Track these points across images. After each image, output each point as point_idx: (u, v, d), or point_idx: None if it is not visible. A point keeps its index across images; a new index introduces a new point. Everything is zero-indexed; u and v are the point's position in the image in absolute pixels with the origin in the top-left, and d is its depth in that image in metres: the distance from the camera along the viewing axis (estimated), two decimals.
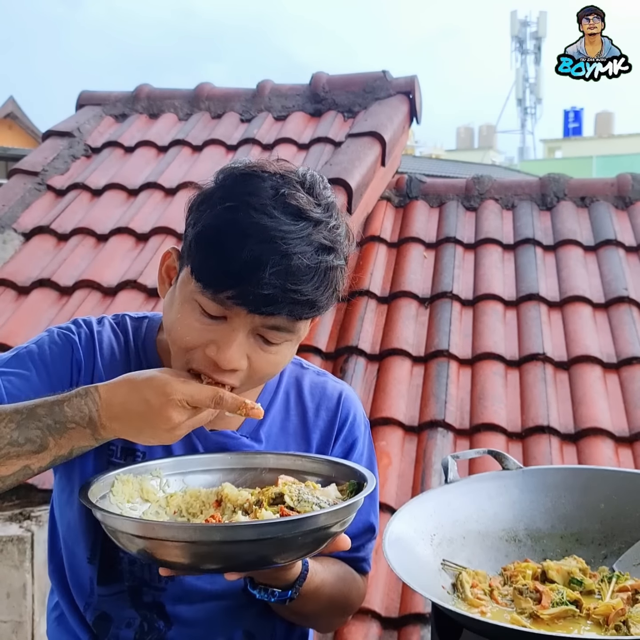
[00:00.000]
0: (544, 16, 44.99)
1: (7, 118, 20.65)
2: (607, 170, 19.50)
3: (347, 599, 1.52)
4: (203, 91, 5.24)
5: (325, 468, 1.42)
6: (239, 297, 1.23)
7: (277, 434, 1.49)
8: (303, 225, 1.24)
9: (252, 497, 1.34)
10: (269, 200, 1.24)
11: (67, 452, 1.25)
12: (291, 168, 1.31)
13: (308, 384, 1.53)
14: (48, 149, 4.79)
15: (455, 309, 4.11)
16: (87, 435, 1.24)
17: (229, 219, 1.23)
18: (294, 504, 1.30)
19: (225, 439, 1.46)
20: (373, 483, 1.32)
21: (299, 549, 1.25)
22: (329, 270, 1.27)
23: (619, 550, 1.44)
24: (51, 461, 1.25)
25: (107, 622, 1.45)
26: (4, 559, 2.88)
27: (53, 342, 1.41)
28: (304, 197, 1.26)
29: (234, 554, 1.20)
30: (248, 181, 1.27)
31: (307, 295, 1.24)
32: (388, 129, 4.60)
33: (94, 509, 1.25)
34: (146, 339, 1.47)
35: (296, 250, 1.22)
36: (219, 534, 1.20)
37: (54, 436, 1.23)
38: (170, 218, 4.25)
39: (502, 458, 1.54)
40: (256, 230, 1.21)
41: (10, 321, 3.77)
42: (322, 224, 1.26)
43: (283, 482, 1.36)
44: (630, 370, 3.75)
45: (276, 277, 1.21)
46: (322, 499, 1.32)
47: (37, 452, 1.23)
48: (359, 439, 1.54)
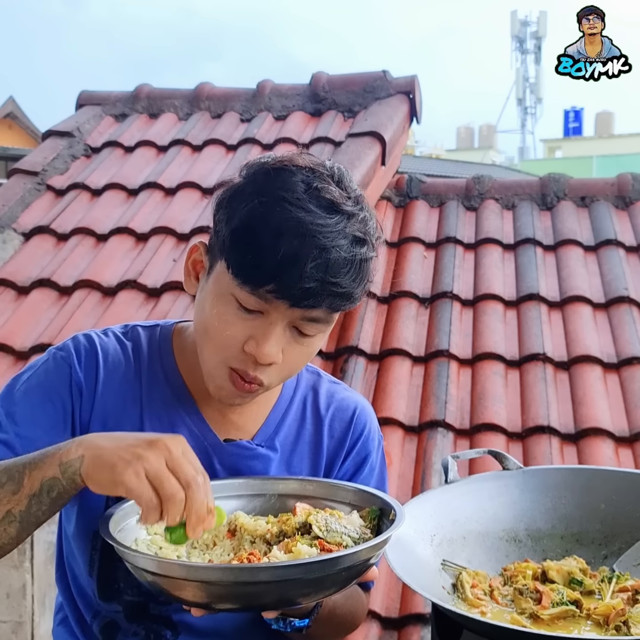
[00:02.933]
0: (544, 16, 44.98)
1: (7, 118, 20.63)
2: (607, 170, 19.49)
3: (353, 617, 1.49)
4: (203, 91, 5.24)
5: (339, 493, 1.38)
6: (280, 291, 1.23)
7: (293, 443, 1.47)
8: (338, 219, 1.25)
9: (272, 527, 1.29)
10: (302, 194, 1.25)
11: (38, 488, 1.17)
12: (318, 161, 1.32)
13: (324, 393, 1.51)
14: (48, 148, 4.79)
15: (456, 309, 4.11)
16: (55, 459, 1.17)
17: (265, 213, 1.24)
18: (324, 535, 1.25)
19: (241, 450, 1.43)
20: (401, 512, 1.27)
21: (341, 583, 1.20)
22: (364, 262, 1.28)
23: (619, 551, 1.44)
24: (27, 504, 1.18)
25: (115, 631, 1.43)
26: (3, 559, 2.87)
27: (50, 370, 1.38)
28: (336, 191, 1.27)
29: (279, 594, 1.14)
30: (279, 176, 1.27)
31: (345, 288, 1.25)
32: (388, 128, 4.60)
33: (123, 549, 1.17)
34: (161, 346, 1.45)
35: (334, 243, 1.23)
36: (267, 574, 1.12)
37: (30, 467, 1.18)
38: (170, 218, 4.25)
39: (503, 458, 1.54)
40: (293, 224, 1.22)
41: (10, 321, 3.77)
42: (355, 216, 1.28)
43: (306, 511, 1.31)
44: (631, 370, 3.75)
45: (316, 271, 1.22)
46: (349, 528, 1.28)
47: (14, 492, 1.18)
48: (372, 454, 1.52)
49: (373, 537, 1.28)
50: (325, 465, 1.48)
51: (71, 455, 1.16)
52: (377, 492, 1.36)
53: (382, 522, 1.31)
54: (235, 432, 1.43)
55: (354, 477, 1.49)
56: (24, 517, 1.19)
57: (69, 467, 1.15)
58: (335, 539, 1.25)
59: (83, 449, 1.15)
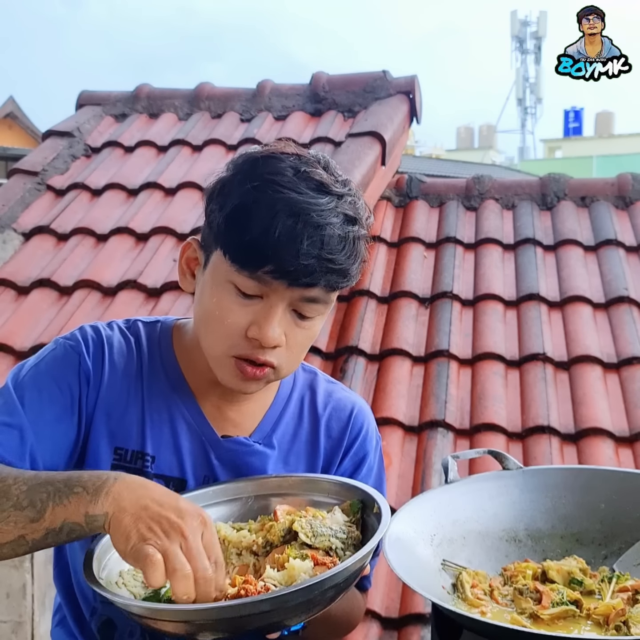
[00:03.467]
0: (544, 16, 44.97)
1: (7, 118, 20.63)
2: (607, 170, 19.48)
3: (349, 617, 1.49)
4: (203, 91, 5.24)
5: (318, 486, 1.37)
6: (278, 270, 1.25)
7: (290, 441, 1.48)
8: (328, 199, 1.28)
9: (257, 537, 1.28)
10: (292, 177, 1.27)
11: (59, 526, 1.17)
12: (304, 150, 1.35)
13: (322, 392, 1.52)
14: (48, 148, 4.79)
15: (456, 309, 4.11)
16: (82, 505, 1.16)
17: (257, 197, 1.26)
18: (311, 541, 1.24)
19: (238, 446, 1.44)
20: (385, 504, 1.26)
21: (338, 594, 1.18)
22: (357, 240, 1.31)
23: (619, 551, 1.44)
24: (44, 535, 1.18)
25: (112, 630, 1.43)
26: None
27: (59, 357, 1.39)
28: (324, 174, 1.30)
29: (278, 617, 1.12)
30: (267, 162, 1.30)
31: (342, 264, 1.28)
32: (388, 128, 4.60)
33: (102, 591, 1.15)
34: (161, 342, 1.46)
35: (327, 221, 1.26)
36: (267, 604, 1.09)
37: (54, 501, 1.17)
38: (170, 218, 4.25)
39: (503, 458, 1.53)
40: (287, 204, 1.24)
41: (10, 321, 3.77)
42: (344, 197, 1.30)
43: (288, 515, 1.29)
44: (631, 370, 3.75)
45: (312, 248, 1.24)
46: (335, 528, 1.27)
47: (33, 520, 1.18)
48: (370, 453, 1.52)
49: (359, 532, 1.28)
50: (323, 464, 1.48)
51: (97, 510, 1.15)
52: (355, 483, 1.36)
53: (367, 515, 1.30)
54: (233, 428, 1.44)
55: (352, 477, 1.48)
56: (36, 545, 1.20)
57: (94, 520, 1.16)
58: (324, 543, 1.24)
59: (109, 505, 1.15)
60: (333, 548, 1.24)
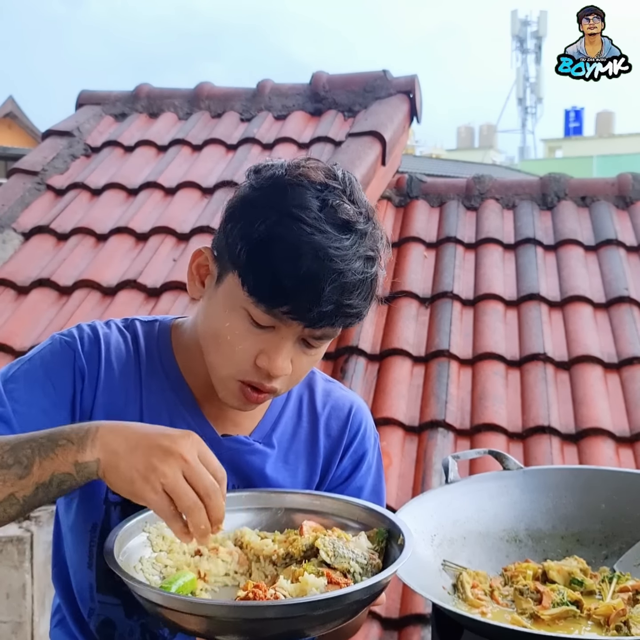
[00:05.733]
0: (544, 16, 44.99)
1: (6, 117, 20.62)
2: (607, 170, 19.48)
3: (355, 623, 1.48)
4: (203, 90, 5.24)
5: (348, 509, 1.37)
6: (296, 312, 1.26)
7: (289, 440, 1.48)
8: (352, 239, 1.28)
9: (279, 547, 1.29)
10: (318, 213, 1.26)
11: (48, 479, 1.19)
12: (329, 172, 1.32)
13: (320, 391, 1.53)
14: (47, 148, 4.78)
15: (456, 309, 4.11)
16: (70, 457, 1.18)
17: (282, 234, 1.25)
18: (331, 560, 1.25)
19: (238, 444, 1.44)
20: (411, 536, 1.26)
21: (349, 615, 1.20)
22: (374, 281, 1.33)
23: (620, 551, 1.44)
24: (34, 490, 1.19)
25: (111, 629, 1.43)
26: (3, 559, 2.87)
27: (54, 352, 1.39)
28: (350, 209, 1.29)
29: (285, 627, 1.14)
30: (294, 192, 1.28)
31: (358, 308, 1.30)
32: (388, 128, 4.60)
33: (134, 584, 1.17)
34: (160, 341, 1.46)
35: (349, 266, 1.26)
36: (272, 611, 1.12)
37: (40, 455, 1.19)
38: (170, 218, 4.25)
39: (503, 458, 1.53)
40: (311, 247, 1.24)
41: (9, 321, 3.76)
42: (366, 235, 1.31)
43: (313, 533, 1.30)
44: (631, 370, 3.75)
45: (332, 294, 1.25)
46: (357, 552, 1.27)
47: (21, 476, 1.19)
48: (369, 451, 1.53)
49: (380, 561, 1.28)
50: (323, 463, 1.49)
51: (87, 457, 1.17)
52: (386, 513, 1.35)
53: (390, 545, 1.30)
54: (233, 428, 1.44)
55: (351, 475, 1.50)
56: (28, 502, 1.21)
57: (85, 468, 1.18)
58: (343, 564, 1.24)
59: (98, 451, 1.17)
60: (351, 571, 1.24)
